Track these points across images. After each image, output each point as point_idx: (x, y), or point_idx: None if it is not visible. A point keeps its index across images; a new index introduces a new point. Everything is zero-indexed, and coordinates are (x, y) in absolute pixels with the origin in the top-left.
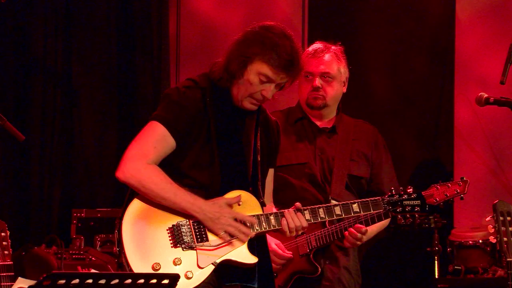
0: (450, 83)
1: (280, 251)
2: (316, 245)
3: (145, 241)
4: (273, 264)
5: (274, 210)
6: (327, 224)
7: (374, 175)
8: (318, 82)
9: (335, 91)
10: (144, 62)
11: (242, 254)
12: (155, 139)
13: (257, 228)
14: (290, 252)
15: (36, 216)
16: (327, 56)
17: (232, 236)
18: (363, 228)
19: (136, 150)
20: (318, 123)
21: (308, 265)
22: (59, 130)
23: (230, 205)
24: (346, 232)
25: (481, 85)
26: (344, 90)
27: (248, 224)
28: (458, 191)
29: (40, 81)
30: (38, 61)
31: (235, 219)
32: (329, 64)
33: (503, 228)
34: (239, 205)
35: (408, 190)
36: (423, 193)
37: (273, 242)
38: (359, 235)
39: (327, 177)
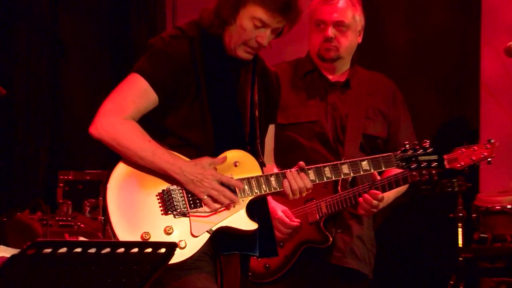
0: (475, 32)
1: (286, 219)
2: (327, 212)
3: (133, 208)
4: (279, 233)
5: (275, 170)
6: (339, 189)
7: (392, 134)
8: (331, 32)
9: (350, 41)
10: (139, 9)
11: (240, 220)
12: (134, 93)
13: (256, 191)
14: (298, 220)
15: (20, 178)
16: (341, 3)
17: (216, 201)
18: (379, 194)
19: (112, 104)
20: (330, 76)
21: (317, 234)
22: (45, 84)
23: (215, 167)
24: (360, 198)
25: (510, 34)
26: (359, 40)
27: (236, 189)
28: (485, 154)
29: (24, 30)
30: (23, 7)
31: (221, 183)
32: (343, 12)
33: None
34: (235, 166)
35: (424, 144)
36: (445, 156)
37: (279, 209)
38: (374, 202)
39: (339, 137)
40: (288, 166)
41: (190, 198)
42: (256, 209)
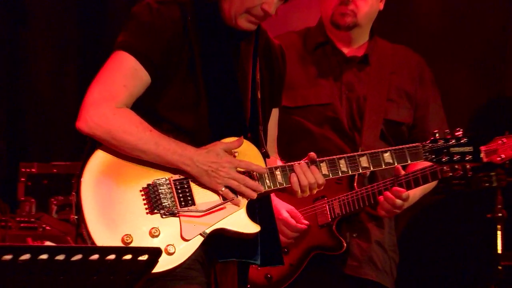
0: None
1: (292, 221)
2: (340, 213)
3: (112, 206)
4: (283, 237)
5: (279, 162)
6: (355, 186)
7: (419, 119)
8: None
9: (370, 6)
10: None
11: (239, 221)
12: (124, 75)
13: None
14: (306, 222)
15: None
16: None
17: (236, 193)
18: (403, 192)
19: (100, 92)
20: (345, 50)
21: (329, 239)
22: (2, 60)
23: (230, 152)
24: (381, 196)
25: None
26: (381, 6)
27: (256, 176)
28: None
29: None
30: None
31: (239, 170)
32: None
33: None
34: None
35: (457, 134)
36: (482, 148)
37: (284, 209)
38: (398, 201)
39: (356, 123)
40: (294, 158)
41: (181, 194)
42: (258, 208)
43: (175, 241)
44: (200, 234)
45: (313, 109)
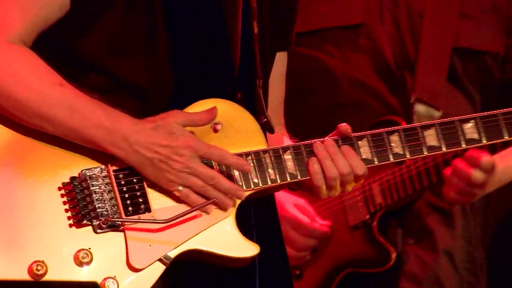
0: None
1: (306, 219)
2: (384, 204)
3: (11, 215)
4: (292, 250)
5: (288, 141)
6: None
7: None
8: None
9: None
10: None
11: (225, 237)
12: None
13: (255, 180)
14: (327, 222)
15: None
16: None
17: (202, 197)
18: (485, 157)
19: None
20: None
21: (368, 248)
22: None
23: (192, 130)
24: (448, 168)
25: None
26: None
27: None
28: None
29: None
30: None
31: (204, 161)
32: None
33: None
34: (215, 131)
35: None
36: None
37: (290, 202)
38: (475, 174)
39: (407, 55)
40: (305, 127)
41: (127, 194)
42: (255, 215)
43: (117, 272)
44: (160, 260)
45: (336, 35)
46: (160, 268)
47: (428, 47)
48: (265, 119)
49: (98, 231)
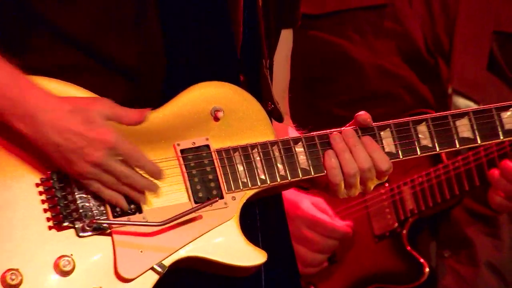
0: None
1: (324, 217)
2: (416, 210)
3: None
4: (307, 253)
5: (293, 132)
6: (443, 157)
7: None
8: None
9: None
10: None
11: (228, 243)
12: None
13: (261, 177)
14: (348, 223)
15: None
16: None
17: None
18: None
19: None
20: None
21: (397, 260)
22: None
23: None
24: (494, 170)
25: None
26: None
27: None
28: None
29: None
30: None
31: (120, 154)
32: None
33: None
34: (216, 119)
35: None
36: None
37: (306, 200)
38: None
39: (440, 40)
40: (322, 122)
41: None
42: (261, 217)
43: (103, 283)
44: (153, 268)
45: (358, 17)
46: (152, 278)
47: (465, 31)
48: (273, 106)
49: (81, 234)
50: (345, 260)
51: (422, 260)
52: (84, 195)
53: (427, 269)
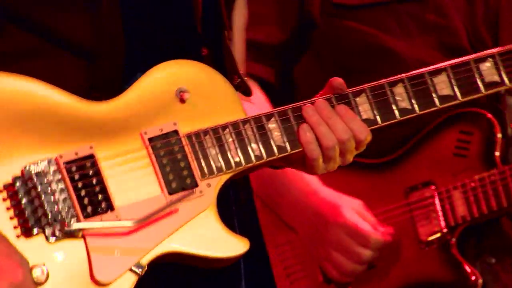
0: None
1: (366, 227)
2: (469, 217)
3: None
4: (344, 261)
5: (268, 106)
6: (496, 158)
7: None
8: None
9: None
10: None
11: (206, 234)
12: None
13: (236, 159)
14: (390, 229)
15: None
16: None
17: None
18: None
19: None
20: None
21: (445, 270)
22: None
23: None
24: None
25: None
26: None
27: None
28: None
29: None
30: None
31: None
32: None
33: None
34: (182, 100)
35: None
36: None
37: (348, 206)
38: None
39: (480, 33)
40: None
41: (83, 191)
42: (236, 201)
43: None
44: (131, 269)
45: (398, 9)
46: (131, 279)
47: (511, 25)
48: (239, 79)
49: (52, 239)
50: (385, 266)
51: (475, 272)
52: (51, 198)
53: (480, 281)
